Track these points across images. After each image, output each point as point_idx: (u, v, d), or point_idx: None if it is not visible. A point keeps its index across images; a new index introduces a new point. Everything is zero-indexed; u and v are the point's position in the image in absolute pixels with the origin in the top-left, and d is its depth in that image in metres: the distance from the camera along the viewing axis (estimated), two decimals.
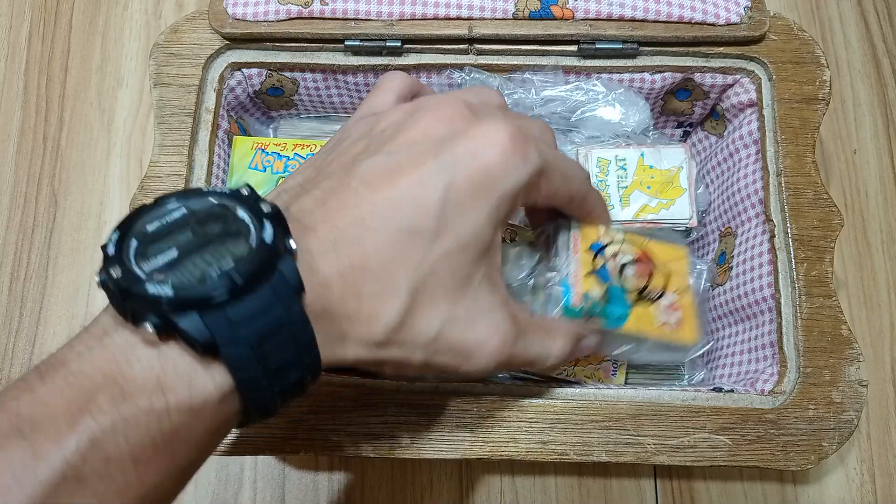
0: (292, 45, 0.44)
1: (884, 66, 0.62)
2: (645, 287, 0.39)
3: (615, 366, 0.45)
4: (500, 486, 0.52)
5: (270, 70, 0.45)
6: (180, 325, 0.21)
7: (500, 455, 0.36)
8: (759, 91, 0.43)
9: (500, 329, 0.29)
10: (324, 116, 0.51)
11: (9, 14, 0.62)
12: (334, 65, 0.44)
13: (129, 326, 0.22)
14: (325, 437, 0.36)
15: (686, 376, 0.45)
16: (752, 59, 0.44)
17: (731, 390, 0.39)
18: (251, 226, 0.23)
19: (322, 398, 0.37)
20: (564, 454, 0.36)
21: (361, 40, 0.43)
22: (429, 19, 0.43)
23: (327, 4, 0.43)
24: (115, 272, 0.21)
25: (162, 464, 0.21)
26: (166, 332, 0.21)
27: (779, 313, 0.40)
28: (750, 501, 0.52)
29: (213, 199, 0.24)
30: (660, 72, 0.44)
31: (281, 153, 0.44)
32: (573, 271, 0.38)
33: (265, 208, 0.24)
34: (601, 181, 0.43)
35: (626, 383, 0.45)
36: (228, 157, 0.45)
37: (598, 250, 0.38)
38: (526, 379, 0.44)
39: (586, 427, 0.37)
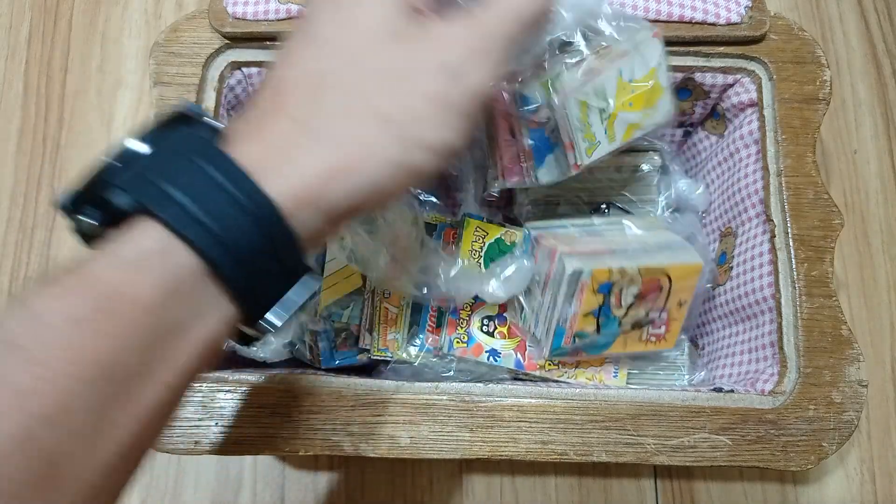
0: None
1: (884, 66, 0.62)
2: (646, 315, 0.40)
3: (616, 367, 0.45)
4: (500, 486, 0.52)
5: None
6: (103, 195, 0.23)
7: (501, 455, 0.36)
8: (759, 91, 0.43)
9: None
10: None
11: (9, 14, 0.62)
12: None
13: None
14: (325, 437, 0.36)
15: (686, 376, 0.45)
16: (752, 58, 0.44)
17: (732, 390, 0.39)
18: None
19: (322, 398, 0.37)
20: (564, 454, 0.36)
21: None
22: None
23: None
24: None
25: (107, 328, 0.21)
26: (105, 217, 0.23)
27: (779, 313, 0.39)
28: (750, 501, 0.52)
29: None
30: None
31: None
32: (570, 316, 0.38)
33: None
34: (583, 125, 0.38)
35: (626, 384, 0.45)
36: None
37: (607, 291, 0.38)
38: (526, 379, 0.44)
39: (586, 427, 0.37)
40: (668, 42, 0.43)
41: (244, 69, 0.45)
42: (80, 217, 0.23)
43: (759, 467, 0.36)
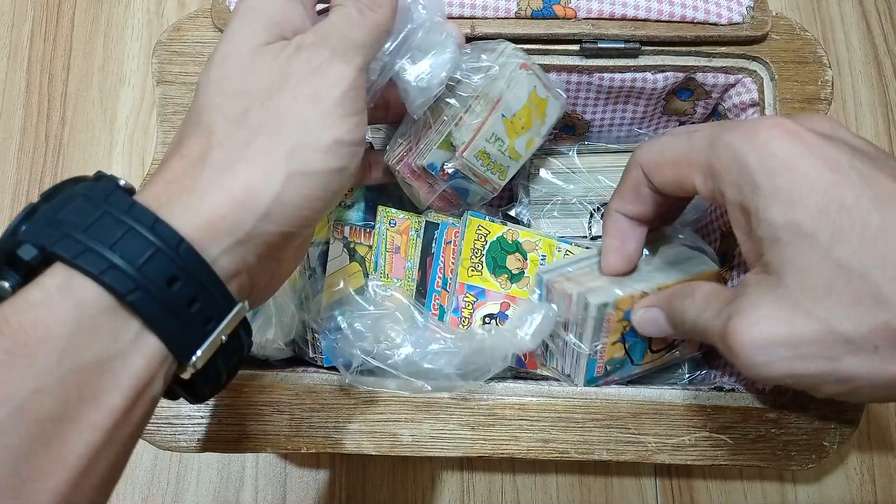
0: None
1: (885, 67, 0.62)
2: (673, 341, 0.40)
3: None
4: (501, 484, 0.52)
5: None
6: (13, 254, 0.23)
7: (502, 453, 0.36)
8: (761, 91, 0.43)
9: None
10: None
11: (11, 12, 0.62)
12: None
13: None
14: (327, 435, 0.36)
15: (687, 375, 0.45)
16: (754, 58, 0.44)
17: (732, 389, 0.39)
18: None
19: (324, 396, 0.37)
20: (565, 452, 0.36)
21: None
22: None
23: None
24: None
25: (19, 369, 0.21)
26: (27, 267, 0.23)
27: None
28: (750, 500, 0.52)
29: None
30: (662, 71, 0.44)
31: None
32: (600, 349, 0.38)
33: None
34: (489, 165, 0.41)
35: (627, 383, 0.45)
36: None
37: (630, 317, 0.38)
38: (528, 377, 0.44)
39: (587, 425, 0.37)
40: (670, 42, 0.43)
41: None
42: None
43: (759, 466, 0.37)
